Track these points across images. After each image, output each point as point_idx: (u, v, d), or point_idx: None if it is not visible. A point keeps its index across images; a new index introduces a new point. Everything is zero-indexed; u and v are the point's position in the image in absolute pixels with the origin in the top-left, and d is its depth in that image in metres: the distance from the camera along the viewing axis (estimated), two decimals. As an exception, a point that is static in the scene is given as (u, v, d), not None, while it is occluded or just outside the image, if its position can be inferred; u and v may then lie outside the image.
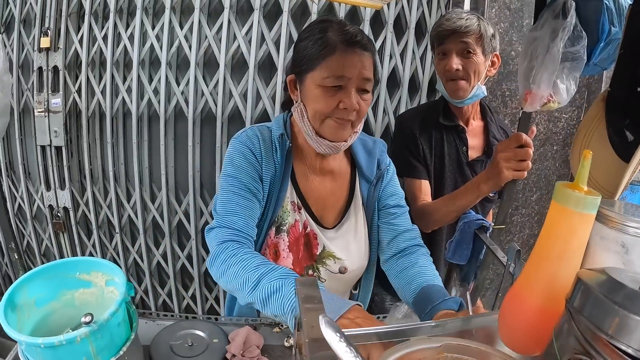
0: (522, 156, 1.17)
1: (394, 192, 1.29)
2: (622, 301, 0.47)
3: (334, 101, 1.05)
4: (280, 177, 1.15)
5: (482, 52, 1.44)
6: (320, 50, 1.05)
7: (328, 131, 1.09)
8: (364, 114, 1.11)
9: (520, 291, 0.66)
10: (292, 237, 1.18)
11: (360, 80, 1.06)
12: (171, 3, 2.21)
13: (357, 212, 1.25)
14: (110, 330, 0.89)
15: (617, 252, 0.63)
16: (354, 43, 1.05)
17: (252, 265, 0.98)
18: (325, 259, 1.22)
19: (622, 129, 0.97)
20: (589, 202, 0.59)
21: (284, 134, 1.15)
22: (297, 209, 1.19)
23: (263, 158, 1.13)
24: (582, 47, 0.96)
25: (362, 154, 1.25)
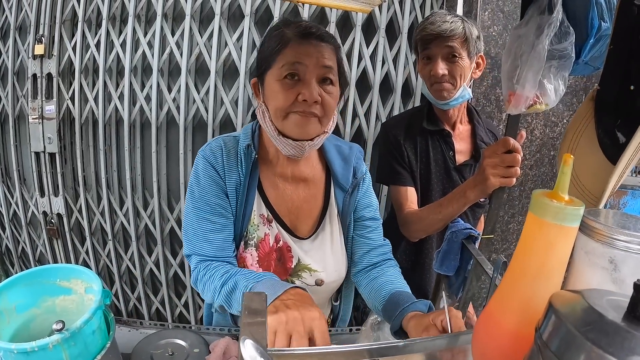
0: (509, 162, 1.12)
1: (370, 204, 1.24)
2: (596, 336, 0.40)
3: (293, 94, 1.00)
4: (245, 190, 1.09)
5: (468, 55, 1.41)
6: (276, 46, 1.02)
7: (291, 128, 1.03)
8: (331, 109, 1.04)
9: (494, 313, 0.59)
10: (261, 252, 1.13)
11: (319, 68, 1.00)
12: (163, 10, 2.21)
13: (333, 221, 1.19)
14: (84, 337, 0.87)
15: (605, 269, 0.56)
16: (309, 34, 1.02)
17: (221, 272, 1.01)
18: (300, 272, 1.16)
19: (612, 130, 0.93)
20: (570, 213, 0.52)
21: (250, 144, 1.10)
22: (268, 222, 1.13)
23: (225, 172, 1.08)
24: (569, 43, 0.92)
25: (338, 160, 1.19)
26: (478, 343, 0.61)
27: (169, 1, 2.22)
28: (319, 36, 1.03)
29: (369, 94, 2.27)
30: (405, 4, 2.20)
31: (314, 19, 2.21)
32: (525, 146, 2.31)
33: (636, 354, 0.37)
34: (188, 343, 1.14)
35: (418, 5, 2.22)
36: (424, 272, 1.62)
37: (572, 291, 0.49)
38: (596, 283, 0.57)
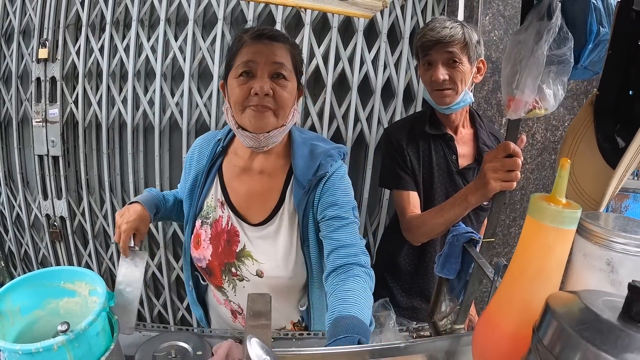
0: (510, 166, 1.12)
1: (335, 202, 1.18)
2: (591, 335, 0.41)
3: (247, 88, 1.09)
4: (205, 174, 1.26)
5: (468, 60, 1.42)
6: (234, 50, 1.15)
7: (247, 121, 1.12)
8: (285, 102, 1.12)
9: (493, 315, 0.60)
10: (214, 231, 1.26)
11: (270, 64, 1.10)
12: (166, 15, 2.23)
13: (285, 217, 1.22)
14: (88, 339, 0.88)
15: (603, 271, 0.57)
16: (260, 35, 1.12)
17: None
18: (243, 258, 1.23)
19: (612, 135, 0.93)
20: (567, 216, 0.53)
21: (221, 138, 1.28)
22: (222, 206, 1.26)
23: (195, 160, 1.30)
24: (568, 49, 0.93)
25: (304, 157, 1.21)
26: (478, 344, 0.62)
27: (172, 6, 2.24)
28: (271, 36, 1.13)
29: (370, 98, 2.28)
30: (407, 9, 2.22)
31: (315, 24, 2.23)
32: (527, 150, 2.31)
33: (629, 351, 0.38)
34: (191, 345, 1.15)
35: (419, 10, 2.24)
36: (427, 276, 1.62)
37: (569, 292, 0.50)
38: (594, 285, 0.58)
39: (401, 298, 1.69)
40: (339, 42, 2.21)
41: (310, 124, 2.28)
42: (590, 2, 0.99)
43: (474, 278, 1.19)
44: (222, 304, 1.34)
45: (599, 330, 0.41)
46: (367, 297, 1.05)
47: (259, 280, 1.22)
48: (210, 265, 1.25)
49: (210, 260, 1.25)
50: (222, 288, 1.29)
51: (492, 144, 1.57)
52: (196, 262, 1.29)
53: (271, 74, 1.10)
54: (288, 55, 1.14)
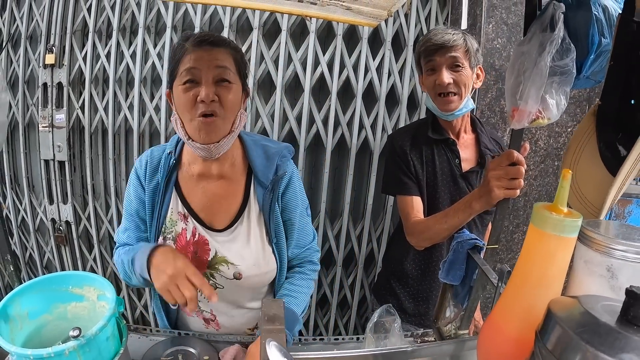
0: (513, 174, 1.14)
1: (296, 205, 1.29)
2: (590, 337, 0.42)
3: (193, 96, 1.08)
4: (162, 191, 1.23)
5: (469, 65, 1.45)
6: (177, 58, 1.13)
7: (196, 133, 1.11)
8: (231, 106, 1.12)
9: (497, 320, 0.62)
10: (179, 245, 1.24)
11: (213, 69, 1.09)
12: (172, 22, 2.25)
13: (252, 217, 1.25)
14: (98, 344, 0.89)
15: (603, 277, 0.59)
16: (202, 41, 1.11)
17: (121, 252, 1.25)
18: (218, 265, 1.23)
19: (614, 144, 0.94)
20: (568, 224, 0.55)
21: (171, 151, 1.24)
22: (184, 218, 1.24)
23: (147, 178, 1.24)
24: (570, 60, 0.94)
25: (260, 158, 1.25)
26: (482, 348, 0.64)
27: (179, 13, 2.26)
28: (212, 42, 1.12)
29: (375, 106, 2.29)
30: (411, 17, 2.24)
31: (320, 32, 2.25)
32: (530, 157, 2.32)
33: (626, 352, 0.40)
34: (197, 350, 1.16)
35: (423, 18, 2.26)
36: (434, 281, 1.63)
37: (570, 297, 0.52)
38: (595, 290, 0.60)
39: (408, 304, 1.70)
40: (344, 50, 2.23)
41: (315, 131, 2.30)
42: (592, 14, 1.00)
43: (478, 284, 1.20)
44: (194, 315, 1.33)
45: (598, 333, 0.43)
46: (307, 289, 1.32)
47: (237, 283, 1.24)
48: None
49: None
50: None
51: (493, 148, 1.59)
52: None
53: (215, 79, 1.09)
54: (231, 58, 1.14)
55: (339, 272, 2.50)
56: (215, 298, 1.02)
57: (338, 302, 2.59)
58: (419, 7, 2.26)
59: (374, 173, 2.33)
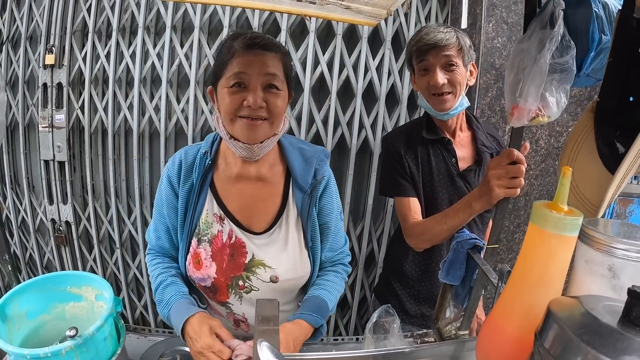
0: (514, 173, 1.13)
1: (332, 210, 1.28)
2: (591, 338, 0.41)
3: (239, 99, 1.08)
4: (197, 192, 1.20)
5: (463, 63, 1.43)
6: (225, 59, 1.11)
7: (239, 132, 1.11)
8: (278, 112, 1.11)
9: (497, 320, 0.61)
10: (214, 247, 1.22)
11: (262, 76, 1.08)
12: (172, 22, 2.25)
13: (290, 220, 1.24)
14: (95, 344, 0.89)
15: (604, 277, 0.58)
16: (252, 45, 1.09)
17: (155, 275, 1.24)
18: (255, 268, 1.22)
19: (612, 141, 0.93)
20: (569, 223, 0.54)
21: (207, 151, 1.21)
22: (220, 220, 1.22)
23: (181, 179, 1.21)
24: (570, 57, 0.93)
25: (299, 162, 1.24)
26: (482, 348, 0.63)
27: (178, 13, 2.26)
28: (263, 45, 1.10)
29: (375, 105, 2.29)
30: (411, 17, 2.24)
31: (320, 32, 2.25)
32: (530, 156, 2.31)
33: (628, 354, 0.39)
34: (196, 350, 1.14)
35: (423, 17, 2.25)
36: (434, 282, 1.62)
37: (570, 297, 0.51)
38: (596, 290, 0.59)
39: (410, 305, 1.69)
40: (344, 50, 2.22)
41: (315, 131, 2.29)
42: (592, 11, 0.99)
43: (478, 284, 1.19)
44: (224, 317, 1.32)
45: (599, 334, 0.42)
46: (339, 286, 1.31)
47: (273, 286, 1.22)
48: (216, 282, 1.23)
49: (216, 278, 1.22)
50: (226, 303, 1.27)
51: (490, 144, 1.57)
52: (198, 283, 1.25)
53: (264, 85, 1.08)
54: (280, 64, 1.12)
55: (339, 272, 2.48)
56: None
57: (338, 303, 2.57)
58: (418, 6, 2.25)
59: (374, 173, 2.33)
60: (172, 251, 1.29)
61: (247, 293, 1.23)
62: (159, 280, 1.22)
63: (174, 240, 1.27)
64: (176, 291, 1.19)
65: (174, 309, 1.14)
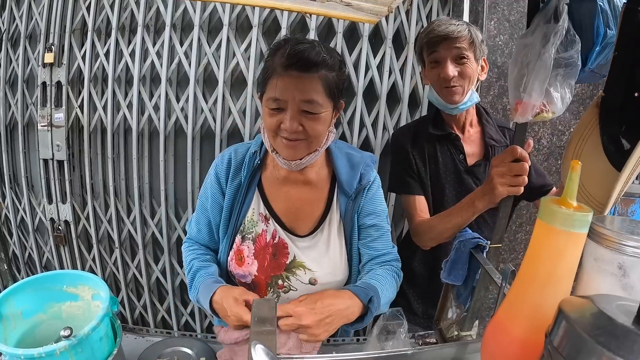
0: (517, 171, 1.11)
1: (373, 211, 1.27)
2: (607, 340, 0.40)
3: (277, 121, 1.08)
4: (245, 190, 1.22)
5: (474, 57, 1.40)
6: (265, 74, 1.11)
7: (280, 148, 1.13)
8: (316, 133, 1.10)
9: (503, 320, 0.59)
10: (258, 246, 1.24)
11: (299, 102, 1.05)
12: (171, 20, 2.24)
13: (333, 225, 1.25)
14: (91, 344, 0.88)
15: (614, 275, 0.56)
16: (290, 65, 1.05)
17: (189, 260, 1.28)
18: (295, 269, 1.23)
19: (617, 137, 0.91)
20: (578, 219, 0.51)
21: (256, 151, 1.23)
22: (265, 220, 1.24)
23: (230, 176, 1.24)
24: (575, 51, 0.92)
25: (344, 167, 1.24)
26: (487, 350, 0.61)
27: (178, 11, 2.25)
28: (301, 66, 1.05)
29: (376, 104, 2.27)
30: (412, 15, 2.22)
31: (321, 30, 2.23)
32: (533, 155, 2.30)
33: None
34: (194, 351, 1.14)
35: (424, 15, 2.24)
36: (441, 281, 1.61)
37: (582, 297, 0.49)
38: (605, 289, 0.57)
39: (417, 305, 1.68)
40: (344, 48, 2.21)
41: (315, 129, 2.27)
42: (597, 5, 0.98)
43: (481, 284, 1.18)
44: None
45: (615, 335, 0.40)
46: (390, 282, 1.24)
47: (311, 288, 1.23)
48: (256, 280, 1.24)
49: (257, 275, 1.23)
50: None
51: (499, 137, 1.54)
52: (238, 279, 1.27)
53: (301, 110, 1.06)
54: (320, 85, 1.07)
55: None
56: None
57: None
58: (420, 4, 2.23)
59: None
60: (211, 244, 1.32)
61: (285, 292, 1.25)
62: (192, 266, 1.25)
63: (214, 235, 1.30)
64: (203, 274, 1.21)
65: (201, 292, 1.16)
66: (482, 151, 1.54)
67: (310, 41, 1.11)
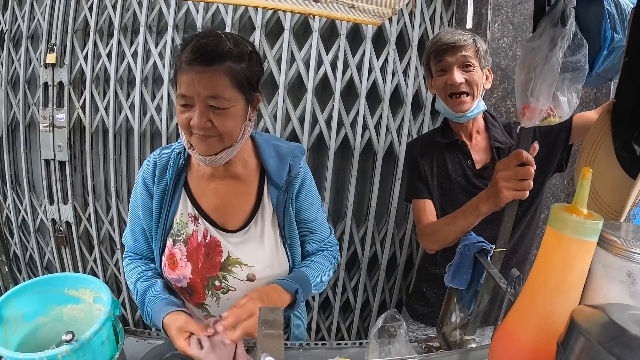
0: (522, 175, 1.10)
1: (311, 205, 1.28)
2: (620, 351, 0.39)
3: (187, 118, 1.05)
4: (171, 192, 1.21)
5: (480, 66, 1.45)
6: (175, 68, 1.07)
7: (195, 145, 1.10)
8: (228, 128, 1.07)
9: (512, 328, 0.59)
10: (190, 247, 1.21)
11: (204, 98, 1.02)
12: (174, 21, 2.23)
13: (266, 217, 1.23)
14: (93, 348, 0.87)
15: (623, 283, 0.56)
16: (194, 60, 1.01)
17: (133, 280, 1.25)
18: (231, 267, 1.21)
19: (629, 143, 0.91)
20: (589, 227, 0.51)
21: (180, 151, 1.21)
22: (195, 219, 1.22)
23: (156, 179, 1.21)
24: (582, 56, 0.91)
25: (272, 158, 1.23)
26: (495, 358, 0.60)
27: (180, 13, 2.24)
28: (204, 60, 1.01)
29: (379, 106, 2.27)
30: (415, 17, 2.21)
31: (324, 31, 2.23)
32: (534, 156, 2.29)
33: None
34: (196, 354, 1.13)
35: (428, 17, 2.23)
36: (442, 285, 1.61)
37: (593, 306, 0.48)
38: (614, 297, 0.56)
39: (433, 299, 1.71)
40: (347, 50, 2.20)
41: (318, 131, 2.27)
42: (605, 9, 0.97)
43: (484, 288, 1.17)
44: (202, 319, 1.30)
45: (629, 347, 0.39)
46: (325, 266, 1.31)
47: (250, 285, 1.21)
48: (192, 283, 1.22)
49: (192, 278, 1.21)
50: (203, 304, 1.26)
51: (505, 138, 1.55)
52: (174, 284, 1.25)
53: (208, 105, 1.03)
54: (225, 77, 1.03)
55: (341, 275, 2.47)
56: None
57: (341, 306, 2.56)
58: (423, 6, 2.23)
59: (377, 174, 2.31)
60: (150, 254, 1.29)
61: (224, 293, 1.23)
62: (137, 289, 1.23)
63: (150, 243, 1.27)
64: (150, 296, 1.18)
65: (153, 317, 1.14)
66: (489, 155, 1.56)
67: (218, 34, 1.07)
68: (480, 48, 1.44)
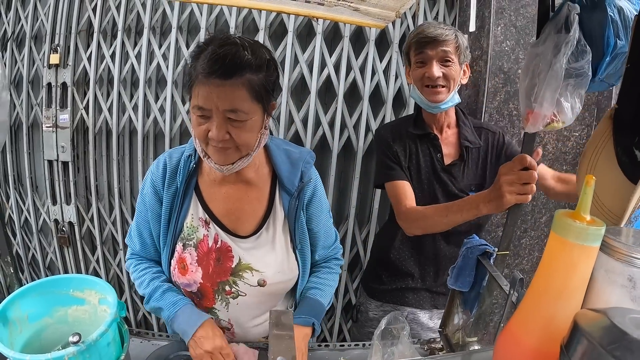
0: (526, 179, 1.11)
1: (320, 213, 1.28)
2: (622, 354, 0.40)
3: (204, 130, 1.04)
4: (182, 196, 1.19)
5: (458, 61, 1.48)
6: (189, 80, 1.05)
7: (211, 154, 1.09)
8: (245, 139, 1.06)
9: (516, 331, 0.60)
10: (200, 252, 1.20)
11: (223, 112, 1.01)
12: (178, 23, 2.24)
13: (277, 223, 1.23)
14: (99, 350, 0.88)
15: (624, 287, 0.57)
16: (212, 73, 0.98)
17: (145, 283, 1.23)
18: (242, 272, 1.20)
19: (631, 149, 0.91)
20: (592, 233, 0.53)
21: (191, 154, 1.19)
22: (206, 224, 1.21)
23: (166, 182, 1.19)
24: (586, 62, 0.92)
25: (284, 164, 1.22)
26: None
27: (184, 14, 2.25)
28: (222, 73, 0.98)
29: (381, 108, 2.28)
30: (418, 19, 2.22)
31: (327, 34, 2.23)
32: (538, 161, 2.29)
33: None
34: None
35: (431, 20, 2.24)
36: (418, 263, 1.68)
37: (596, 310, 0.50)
38: (615, 301, 0.57)
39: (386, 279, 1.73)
40: (351, 52, 2.21)
41: (321, 133, 2.28)
42: (608, 15, 0.98)
43: (486, 291, 1.17)
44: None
45: (630, 349, 0.41)
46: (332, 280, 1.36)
47: (261, 290, 1.21)
48: (202, 287, 1.21)
49: (202, 283, 1.20)
50: (212, 309, 1.25)
51: (474, 139, 1.58)
52: (183, 288, 1.24)
53: (227, 118, 1.02)
54: (244, 90, 1.01)
55: (344, 276, 2.48)
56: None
57: (343, 307, 2.57)
58: (426, 9, 2.24)
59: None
60: (157, 257, 1.28)
61: (234, 298, 1.22)
62: (155, 285, 1.21)
63: (158, 247, 1.26)
64: (181, 296, 1.20)
65: (183, 312, 1.15)
66: (458, 152, 1.59)
67: (234, 41, 1.03)
68: (461, 44, 1.47)
